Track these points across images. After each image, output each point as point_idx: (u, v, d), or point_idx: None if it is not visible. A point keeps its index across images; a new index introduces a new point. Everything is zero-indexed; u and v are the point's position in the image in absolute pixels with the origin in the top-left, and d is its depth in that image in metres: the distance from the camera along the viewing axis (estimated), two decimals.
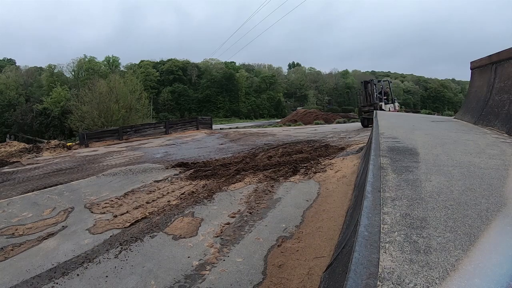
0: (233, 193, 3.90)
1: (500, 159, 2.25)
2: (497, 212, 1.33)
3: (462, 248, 1.06)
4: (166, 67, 50.63)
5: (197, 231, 2.83)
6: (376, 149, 2.63)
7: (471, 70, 5.71)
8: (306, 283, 1.95)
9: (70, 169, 6.44)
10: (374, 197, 1.56)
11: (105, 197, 3.96)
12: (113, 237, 2.78)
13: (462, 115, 5.64)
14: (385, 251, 1.06)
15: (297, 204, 3.38)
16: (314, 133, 11.32)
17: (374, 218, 1.34)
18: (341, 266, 1.60)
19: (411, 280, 0.90)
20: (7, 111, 32.98)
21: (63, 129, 28.58)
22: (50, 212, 3.50)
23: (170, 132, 14.96)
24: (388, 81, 14.84)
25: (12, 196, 4.28)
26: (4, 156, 9.69)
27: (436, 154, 2.44)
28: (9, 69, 40.59)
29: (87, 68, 38.36)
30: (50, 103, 30.63)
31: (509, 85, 3.94)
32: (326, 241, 2.44)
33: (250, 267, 2.19)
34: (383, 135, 3.43)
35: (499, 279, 0.89)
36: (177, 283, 2.05)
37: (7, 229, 3.04)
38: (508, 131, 3.47)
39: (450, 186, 1.67)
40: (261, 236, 2.67)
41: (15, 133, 29.60)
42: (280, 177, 4.48)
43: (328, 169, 4.67)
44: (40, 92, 36.23)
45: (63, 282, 2.11)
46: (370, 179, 1.85)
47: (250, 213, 3.20)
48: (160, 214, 3.30)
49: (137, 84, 24.34)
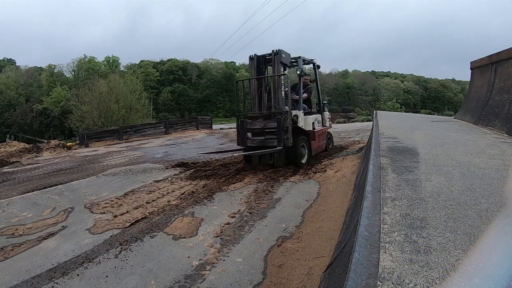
0: (233, 193, 3.90)
1: (500, 159, 2.25)
2: (497, 212, 1.33)
3: (462, 248, 1.06)
4: (166, 67, 50.64)
5: (197, 231, 2.83)
6: (376, 149, 2.63)
7: (471, 70, 5.71)
8: (306, 283, 1.95)
9: (70, 169, 6.44)
10: (374, 197, 1.56)
11: (105, 197, 3.96)
12: (113, 237, 2.78)
13: (462, 115, 5.64)
14: (385, 251, 1.06)
15: (297, 204, 3.38)
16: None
17: (374, 218, 1.34)
18: (341, 266, 1.60)
19: (411, 280, 0.90)
20: (7, 111, 32.96)
21: (63, 129, 28.56)
22: (50, 212, 3.50)
23: (170, 132, 14.96)
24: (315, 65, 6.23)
25: (12, 196, 4.28)
26: (4, 156, 9.69)
27: (436, 154, 2.44)
28: (9, 69, 40.56)
29: (87, 68, 38.35)
30: (50, 103, 30.61)
31: (509, 85, 3.94)
32: (326, 241, 2.44)
33: (250, 267, 2.19)
34: (383, 135, 3.43)
35: (499, 279, 0.89)
36: (177, 283, 2.05)
37: (7, 229, 3.04)
38: (508, 131, 3.47)
39: (450, 186, 1.67)
40: (261, 236, 2.67)
41: (15, 133, 29.58)
42: (280, 177, 4.49)
43: (328, 169, 4.67)
44: (40, 92, 36.22)
45: (63, 282, 2.11)
46: (370, 179, 1.85)
47: (250, 213, 3.20)
48: (160, 214, 3.30)
49: (137, 84, 24.32)
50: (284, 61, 5.10)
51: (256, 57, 5.23)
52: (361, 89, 58.40)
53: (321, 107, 6.37)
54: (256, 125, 5.18)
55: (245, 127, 5.23)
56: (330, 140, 6.80)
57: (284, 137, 4.71)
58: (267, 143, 4.97)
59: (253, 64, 5.25)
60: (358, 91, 58.06)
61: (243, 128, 5.23)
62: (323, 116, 6.34)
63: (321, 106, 6.38)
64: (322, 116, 6.29)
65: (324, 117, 6.43)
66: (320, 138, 5.95)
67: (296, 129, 5.07)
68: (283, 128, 4.71)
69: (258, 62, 5.27)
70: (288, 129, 4.72)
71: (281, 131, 4.70)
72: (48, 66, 39.64)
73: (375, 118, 5.64)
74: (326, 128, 6.44)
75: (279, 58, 4.93)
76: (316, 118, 5.94)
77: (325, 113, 6.56)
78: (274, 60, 4.98)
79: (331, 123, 7.05)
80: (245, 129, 5.22)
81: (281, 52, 4.92)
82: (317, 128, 5.88)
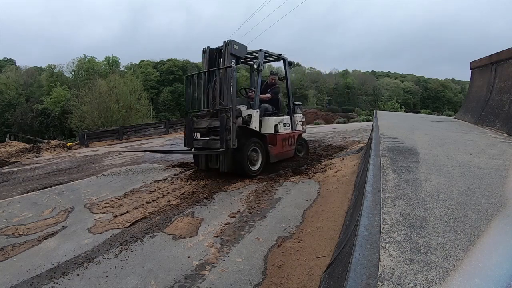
0: (233, 193, 3.90)
1: (500, 159, 2.25)
2: (497, 212, 1.33)
3: (462, 248, 1.06)
4: (166, 67, 50.59)
5: (197, 231, 2.83)
6: (376, 149, 2.63)
7: (471, 70, 5.71)
8: (306, 283, 1.95)
9: (70, 169, 6.44)
10: (374, 197, 1.56)
11: (105, 197, 3.96)
12: (113, 237, 2.78)
13: (462, 115, 5.64)
14: (385, 251, 1.06)
15: (297, 204, 3.38)
16: (314, 133, 11.31)
17: (374, 218, 1.34)
18: (341, 266, 1.60)
19: (411, 280, 0.90)
20: (7, 111, 32.95)
21: (63, 129, 28.56)
22: (50, 212, 3.50)
23: (170, 132, 14.97)
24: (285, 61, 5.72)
25: (12, 196, 4.28)
26: (4, 156, 9.69)
27: (436, 154, 2.44)
28: (9, 69, 40.56)
29: (87, 68, 38.33)
30: (50, 103, 30.62)
31: (509, 85, 3.94)
32: (326, 241, 2.44)
33: (250, 267, 2.19)
34: (383, 135, 3.43)
35: (499, 279, 0.89)
36: (177, 283, 2.05)
37: (7, 229, 3.04)
38: (508, 131, 3.47)
39: (450, 186, 1.67)
40: (261, 236, 2.67)
41: (15, 133, 29.56)
42: (280, 177, 4.49)
43: (328, 169, 4.67)
44: (40, 92, 36.21)
45: (63, 282, 2.11)
46: (370, 179, 1.85)
47: (250, 213, 3.20)
48: (160, 214, 3.30)
49: (137, 84, 24.34)
50: (237, 53, 4.47)
51: (209, 49, 4.79)
52: (361, 89, 58.38)
53: (291, 108, 5.74)
54: (202, 124, 4.65)
55: (192, 126, 4.74)
56: (302, 147, 6.07)
57: (227, 138, 4.17)
58: (211, 144, 4.46)
59: (206, 58, 4.80)
60: (358, 91, 58.04)
61: (189, 127, 4.75)
62: (293, 119, 5.71)
63: (291, 108, 5.75)
64: (292, 118, 5.69)
65: (295, 120, 5.79)
66: (285, 143, 5.33)
67: (247, 130, 4.60)
68: (225, 127, 4.18)
69: (212, 55, 4.81)
70: (231, 128, 4.17)
71: (223, 131, 4.18)
72: (48, 66, 39.62)
73: (375, 118, 5.64)
74: (296, 133, 5.74)
75: (230, 50, 4.37)
76: (282, 121, 5.37)
77: (297, 115, 5.93)
78: (225, 52, 4.47)
79: (304, 127, 6.20)
80: (191, 129, 4.74)
81: (232, 43, 4.39)
82: (282, 131, 5.32)
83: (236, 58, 4.54)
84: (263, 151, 4.79)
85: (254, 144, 4.62)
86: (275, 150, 5.06)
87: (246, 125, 4.62)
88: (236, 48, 4.45)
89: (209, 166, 4.77)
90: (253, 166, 4.62)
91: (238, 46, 4.50)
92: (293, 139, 5.61)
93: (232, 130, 4.18)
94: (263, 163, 4.78)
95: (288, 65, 5.79)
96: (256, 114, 4.75)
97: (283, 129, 5.39)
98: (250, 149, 4.55)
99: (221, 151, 4.25)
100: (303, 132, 6.11)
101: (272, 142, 5.03)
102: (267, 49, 5.24)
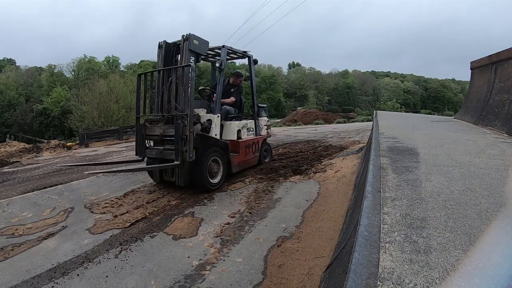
0: (233, 193, 3.90)
1: (500, 159, 2.25)
2: (497, 212, 1.33)
3: (462, 248, 1.06)
4: None
5: (197, 231, 2.83)
6: (376, 149, 2.63)
7: (471, 70, 5.72)
8: (306, 283, 1.95)
9: (70, 169, 6.44)
10: (374, 197, 1.56)
11: (105, 197, 3.96)
12: (113, 237, 2.78)
13: (462, 115, 5.64)
14: (385, 251, 1.06)
15: (297, 204, 3.38)
16: (314, 133, 11.32)
17: (374, 218, 1.34)
18: (341, 266, 1.60)
19: (411, 280, 0.90)
20: (7, 111, 32.97)
21: (63, 129, 28.57)
22: (50, 212, 3.50)
23: None
24: (250, 59, 5.24)
25: (12, 196, 4.28)
26: (4, 156, 9.69)
27: (436, 154, 2.44)
28: (9, 69, 40.58)
29: (87, 68, 38.36)
30: (50, 103, 30.62)
31: (509, 85, 3.94)
32: (326, 241, 2.44)
33: (250, 267, 2.19)
34: (383, 135, 3.43)
35: (499, 279, 0.89)
36: (177, 283, 2.05)
37: (7, 229, 3.04)
38: (508, 131, 3.47)
39: (450, 186, 1.67)
40: (261, 236, 2.67)
41: (15, 133, 29.56)
42: (280, 177, 4.49)
43: (328, 169, 4.67)
44: (40, 92, 36.21)
45: (63, 282, 2.11)
46: (370, 179, 1.85)
47: (250, 213, 3.20)
48: (160, 214, 3.30)
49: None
50: (196, 50, 3.89)
51: (165, 44, 4.13)
52: (361, 89, 58.42)
53: (255, 111, 5.17)
54: (155, 131, 3.92)
55: (144, 132, 3.98)
56: (267, 152, 5.54)
57: (183, 149, 3.54)
58: (165, 154, 3.78)
59: (161, 53, 4.13)
60: (358, 91, 58.08)
61: (141, 134, 3.97)
62: (257, 123, 5.17)
63: (255, 111, 5.18)
64: (256, 122, 5.14)
65: (260, 124, 5.24)
66: (248, 150, 4.82)
67: (206, 139, 3.96)
68: (181, 137, 3.52)
69: (168, 51, 4.16)
70: (188, 138, 3.54)
71: (179, 141, 3.51)
72: (48, 66, 39.63)
73: (375, 118, 5.65)
74: (260, 138, 5.19)
75: (189, 45, 3.80)
76: (245, 125, 4.78)
77: (262, 119, 5.35)
78: (183, 48, 3.87)
79: (269, 131, 5.66)
80: (143, 135, 3.98)
81: (191, 37, 3.80)
82: (246, 137, 4.77)
83: (196, 55, 3.96)
84: (224, 161, 4.21)
85: (214, 154, 4.05)
86: (238, 159, 4.54)
87: (205, 132, 3.97)
88: (196, 43, 3.87)
89: (164, 179, 4.20)
90: (213, 179, 4.03)
91: (199, 41, 3.91)
92: (257, 145, 5.09)
93: (189, 140, 3.55)
94: (224, 175, 4.20)
95: (254, 63, 5.28)
96: (217, 119, 4.15)
97: (247, 135, 4.86)
98: (210, 160, 3.98)
99: (176, 164, 3.59)
100: (268, 137, 5.65)
101: (235, 150, 4.52)
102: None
